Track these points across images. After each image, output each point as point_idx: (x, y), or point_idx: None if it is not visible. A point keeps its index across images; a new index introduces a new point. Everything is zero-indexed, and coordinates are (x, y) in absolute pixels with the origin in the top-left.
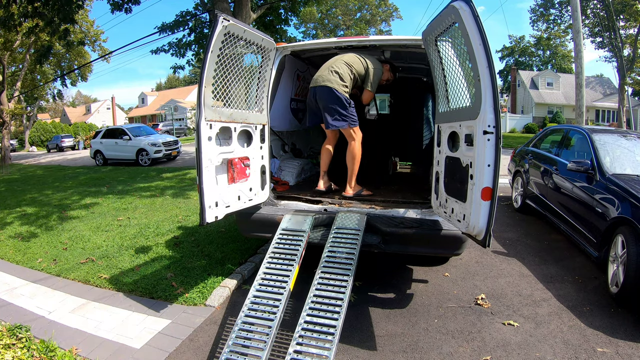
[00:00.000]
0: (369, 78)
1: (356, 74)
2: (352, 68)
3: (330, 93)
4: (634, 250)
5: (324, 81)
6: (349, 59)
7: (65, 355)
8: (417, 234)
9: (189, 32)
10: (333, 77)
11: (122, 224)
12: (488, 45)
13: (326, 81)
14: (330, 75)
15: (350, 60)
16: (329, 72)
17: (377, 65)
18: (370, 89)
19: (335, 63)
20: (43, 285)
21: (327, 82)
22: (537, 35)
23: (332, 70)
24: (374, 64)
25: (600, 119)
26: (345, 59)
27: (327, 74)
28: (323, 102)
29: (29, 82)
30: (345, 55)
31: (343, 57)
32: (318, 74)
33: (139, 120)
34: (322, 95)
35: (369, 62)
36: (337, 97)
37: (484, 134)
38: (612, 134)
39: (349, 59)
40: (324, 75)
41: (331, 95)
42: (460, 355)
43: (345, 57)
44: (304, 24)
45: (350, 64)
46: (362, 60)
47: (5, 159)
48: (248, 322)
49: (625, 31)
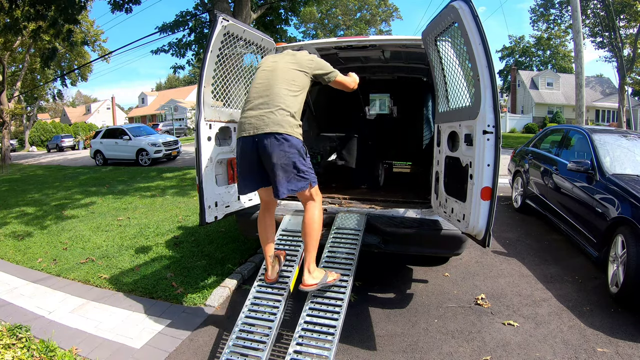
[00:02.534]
0: (320, 64)
1: (303, 81)
2: (293, 81)
3: (281, 145)
4: (634, 250)
5: (266, 125)
6: (283, 65)
7: (65, 355)
8: (417, 234)
9: (189, 32)
10: (279, 115)
11: (122, 224)
12: (487, 45)
13: (270, 124)
14: (273, 113)
15: (283, 67)
16: (269, 109)
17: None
18: (330, 71)
19: (270, 85)
20: (43, 285)
21: (271, 125)
22: (537, 35)
23: (270, 103)
24: (302, 53)
25: (600, 119)
26: (280, 67)
27: (266, 112)
28: (272, 160)
29: (29, 82)
30: (267, 63)
31: (271, 68)
32: (250, 113)
33: (139, 120)
34: (268, 150)
35: (298, 54)
36: (293, 146)
37: (484, 134)
38: (612, 134)
39: (283, 66)
40: (263, 116)
41: (284, 147)
42: (460, 355)
43: (276, 67)
44: (304, 24)
45: (288, 71)
46: (292, 58)
47: (6, 159)
48: (248, 322)
49: (625, 31)
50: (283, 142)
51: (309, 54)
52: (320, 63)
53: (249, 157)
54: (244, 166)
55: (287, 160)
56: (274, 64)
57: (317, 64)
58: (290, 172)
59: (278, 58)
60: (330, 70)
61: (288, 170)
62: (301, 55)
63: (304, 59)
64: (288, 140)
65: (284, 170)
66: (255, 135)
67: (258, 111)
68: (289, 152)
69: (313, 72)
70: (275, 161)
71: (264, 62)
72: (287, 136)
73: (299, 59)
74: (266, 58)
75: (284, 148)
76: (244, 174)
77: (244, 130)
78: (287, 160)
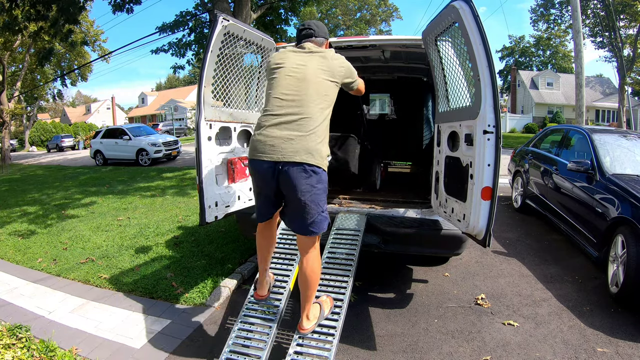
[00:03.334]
0: (349, 71)
1: (333, 94)
2: (326, 95)
3: (309, 179)
4: (634, 250)
5: (295, 152)
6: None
7: (65, 355)
8: (417, 234)
9: (189, 32)
10: (311, 141)
11: (122, 224)
12: (488, 45)
13: (300, 152)
14: (304, 137)
15: (315, 75)
16: (299, 131)
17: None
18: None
19: (301, 99)
20: (43, 285)
21: (301, 153)
22: (537, 35)
23: (302, 124)
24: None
25: (600, 119)
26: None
27: (297, 135)
28: (296, 194)
29: (29, 82)
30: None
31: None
32: (273, 132)
33: (139, 120)
34: (293, 182)
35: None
36: (321, 181)
37: (484, 134)
38: (612, 134)
39: (314, 73)
40: (293, 140)
41: (312, 182)
42: (460, 355)
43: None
44: None
45: (321, 82)
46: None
47: (6, 159)
48: (248, 322)
49: (625, 31)
50: (312, 176)
51: (338, 56)
52: (350, 68)
53: (267, 183)
54: (263, 194)
55: (314, 197)
56: (304, 69)
57: (348, 71)
58: (314, 211)
59: (306, 59)
60: (356, 78)
61: (312, 208)
62: (332, 57)
63: (335, 65)
64: (318, 174)
65: (307, 207)
66: (280, 162)
67: (286, 131)
68: (316, 188)
69: (342, 80)
70: (299, 196)
71: (287, 61)
72: (317, 169)
73: (331, 65)
74: (287, 55)
75: (312, 182)
76: (264, 201)
77: (263, 153)
78: (314, 197)
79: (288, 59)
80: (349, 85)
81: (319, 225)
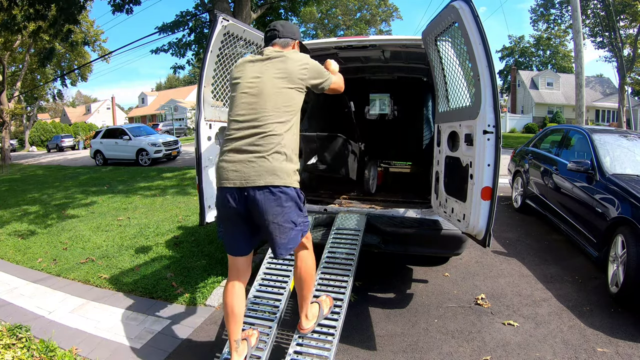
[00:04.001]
0: (315, 71)
1: (297, 101)
2: (286, 106)
3: (278, 200)
4: (634, 250)
5: (259, 176)
6: (270, 83)
7: (65, 355)
8: (417, 234)
9: (189, 32)
10: (274, 161)
11: (122, 224)
12: (488, 45)
13: (263, 175)
14: (265, 158)
15: (271, 87)
16: (260, 153)
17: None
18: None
19: (257, 118)
20: (43, 285)
21: (265, 176)
22: (537, 35)
23: (261, 144)
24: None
25: (600, 119)
26: (267, 88)
27: (257, 157)
28: (266, 217)
29: (29, 82)
30: (248, 79)
31: (256, 89)
32: (234, 157)
33: (139, 120)
34: (261, 207)
35: (289, 60)
36: (290, 199)
37: (484, 134)
38: (612, 134)
39: (271, 84)
40: (253, 162)
41: (281, 203)
42: (460, 355)
43: (262, 87)
44: (304, 24)
45: (279, 93)
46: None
47: (6, 159)
48: (248, 322)
49: (625, 31)
50: (280, 197)
51: (302, 57)
52: (317, 68)
53: (235, 211)
54: (231, 223)
55: (285, 217)
56: (259, 82)
57: (313, 71)
58: (289, 230)
59: (263, 69)
60: (327, 77)
61: (286, 227)
62: (291, 60)
63: (295, 68)
64: (286, 194)
65: (281, 228)
66: (244, 188)
67: (245, 155)
68: (286, 208)
69: (308, 82)
70: (270, 219)
71: (244, 74)
72: (285, 188)
73: (289, 69)
74: (244, 67)
75: (281, 203)
76: (233, 233)
77: (227, 179)
78: (285, 217)
79: (244, 73)
80: (319, 87)
81: (296, 239)
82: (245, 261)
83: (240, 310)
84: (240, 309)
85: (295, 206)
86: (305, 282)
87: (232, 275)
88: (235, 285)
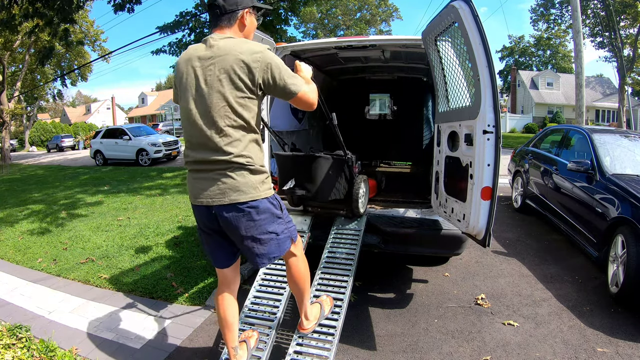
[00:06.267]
0: (277, 70)
1: (249, 107)
2: (235, 119)
3: (248, 215)
4: (634, 250)
5: (223, 194)
6: (211, 89)
7: (65, 355)
8: (417, 234)
9: (189, 32)
10: (236, 176)
11: (122, 224)
12: (488, 45)
13: (228, 193)
14: (226, 174)
15: (213, 95)
16: (219, 169)
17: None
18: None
19: (206, 131)
20: (43, 285)
21: (229, 194)
22: (537, 35)
23: (217, 160)
24: (241, 45)
25: (600, 119)
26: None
27: (216, 174)
28: (239, 233)
29: (29, 82)
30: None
31: (197, 94)
32: (196, 175)
33: (139, 120)
34: (232, 225)
35: (235, 52)
36: (262, 211)
37: (484, 134)
38: (612, 134)
39: (211, 92)
40: (216, 180)
41: (252, 217)
42: (460, 355)
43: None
44: (304, 24)
45: (221, 103)
46: (220, 67)
47: (6, 159)
48: (248, 322)
49: (625, 31)
50: (250, 212)
51: (254, 48)
52: (273, 65)
53: (210, 227)
54: (209, 237)
55: (260, 230)
56: (203, 95)
57: (264, 69)
58: (267, 240)
59: (207, 71)
60: (291, 82)
61: (263, 239)
62: (234, 53)
63: (236, 65)
64: (255, 207)
65: (258, 241)
66: (211, 207)
67: (205, 173)
68: (259, 221)
69: (260, 81)
70: (244, 234)
71: (187, 83)
72: (253, 203)
73: (230, 65)
74: (187, 71)
75: (252, 217)
76: (213, 246)
77: (196, 197)
78: (260, 230)
79: (187, 79)
80: (278, 91)
81: (280, 248)
82: (232, 271)
83: (234, 319)
84: (234, 317)
85: (271, 216)
86: (300, 286)
87: (221, 285)
88: (225, 296)
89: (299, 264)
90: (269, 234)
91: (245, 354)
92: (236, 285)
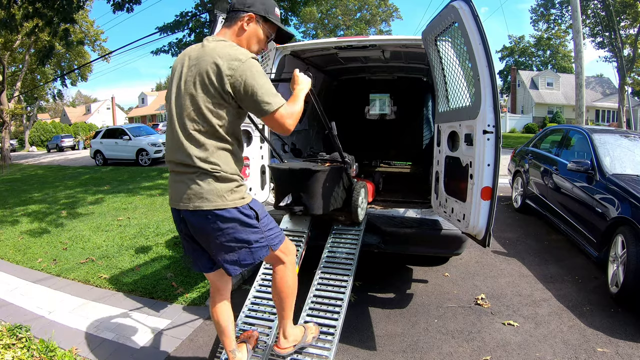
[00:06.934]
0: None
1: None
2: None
3: (213, 224)
4: (634, 250)
5: (188, 199)
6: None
7: (65, 355)
8: (417, 234)
9: (189, 32)
10: (202, 182)
11: (122, 224)
12: (488, 45)
13: (193, 198)
14: (192, 179)
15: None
16: (186, 173)
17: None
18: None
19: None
20: (43, 285)
21: (194, 200)
22: (537, 35)
23: (186, 164)
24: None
25: (600, 119)
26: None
27: (185, 177)
28: (207, 240)
29: (29, 82)
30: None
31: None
32: (171, 175)
33: (139, 120)
34: (199, 231)
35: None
36: (229, 219)
37: (484, 134)
38: (612, 134)
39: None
40: (183, 183)
41: (218, 226)
42: (460, 355)
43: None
44: (304, 24)
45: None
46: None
47: (6, 159)
48: (248, 322)
49: (625, 31)
50: (214, 221)
51: (232, 51)
52: (250, 80)
53: (183, 232)
54: (185, 241)
55: (228, 238)
56: (187, 101)
57: (241, 82)
58: (237, 248)
59: (187, 68)
60: (266, 100)
61: (232, 247)
62: (213, 56)
63: (210, 68)
64: (220, 216)
65: (227, 249)
66: (180, 211)
67: (178, 176)
68: (226, 230)
69: (233, 92)
70: (211, 241)
71: (174, 73)
72: (217, 212)
73: (205, 68)
74: (177, 62)
75: (218, 226)
76: (190, 252)
77: (171, 199)
78: (228, 238)
79: (174, 79)
80: (250, 106)
81: (252, 256)
82: (217, 276)
83: (229, 324)
84: (228, 322)
85: (241, 225)
86: (283, 298)
87: (212, 290)
88: (216, 302)
89: (286, 273)
90: (239, 242)
91: (245, 356)
92: (227, 289)
